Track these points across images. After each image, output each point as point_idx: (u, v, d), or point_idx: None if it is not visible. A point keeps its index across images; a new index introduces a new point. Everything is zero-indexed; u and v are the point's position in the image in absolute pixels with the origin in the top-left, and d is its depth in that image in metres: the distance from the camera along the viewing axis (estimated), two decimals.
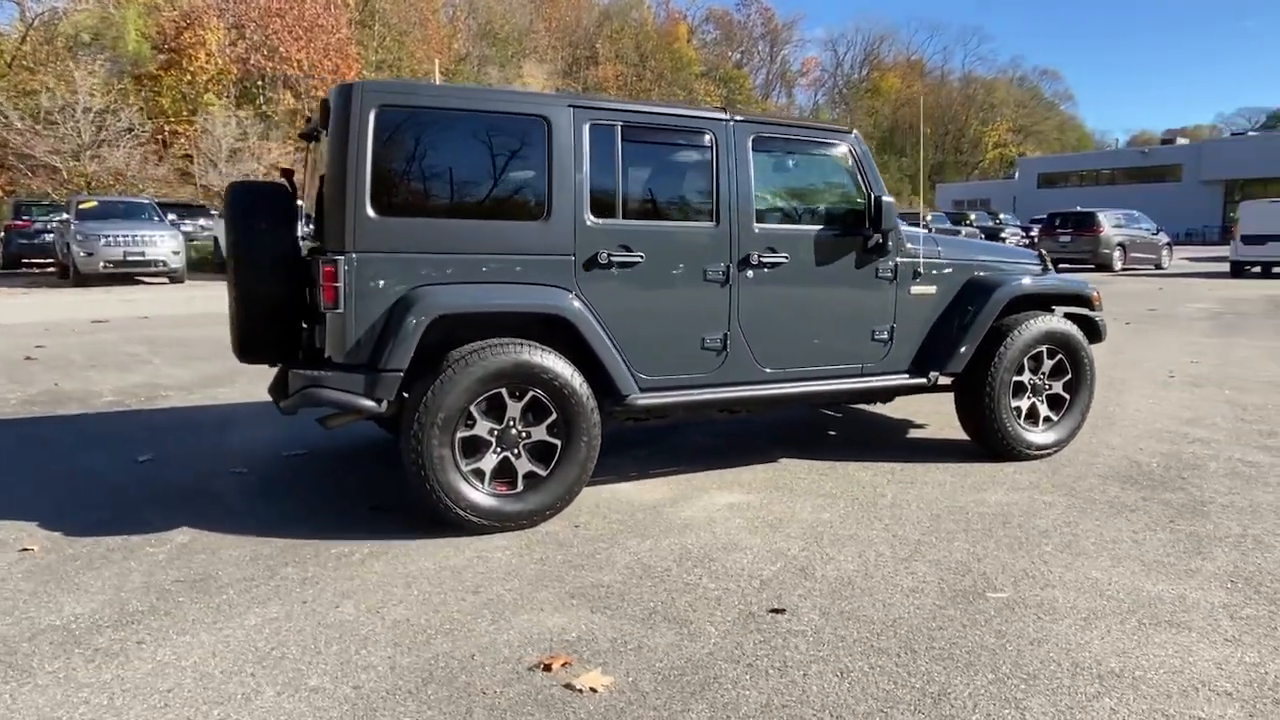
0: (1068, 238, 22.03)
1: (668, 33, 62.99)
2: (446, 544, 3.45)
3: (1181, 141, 53.08)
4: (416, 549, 3.41)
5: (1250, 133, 57.10)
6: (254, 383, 6.70)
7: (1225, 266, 20.51)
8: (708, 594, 3.02)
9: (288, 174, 3.96)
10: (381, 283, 3.41)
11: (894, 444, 5.13)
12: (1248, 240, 19.40)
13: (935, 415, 5.63)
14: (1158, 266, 22.65)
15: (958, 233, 26.76)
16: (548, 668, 2.51)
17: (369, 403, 3.37)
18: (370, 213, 3.37)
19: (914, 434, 5.37)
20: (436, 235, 3.50)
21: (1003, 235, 26.89)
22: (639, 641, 2.68)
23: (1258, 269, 19.80)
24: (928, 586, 3.08)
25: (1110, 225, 21.93)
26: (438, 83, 36.67)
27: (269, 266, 3.58)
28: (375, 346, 3.40)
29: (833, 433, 5.37)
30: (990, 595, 3.01)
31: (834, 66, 74.19)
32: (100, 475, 4.38)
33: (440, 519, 3.50)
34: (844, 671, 2.50)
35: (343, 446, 4.93)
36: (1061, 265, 18.48)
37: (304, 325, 3.78)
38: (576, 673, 2.48)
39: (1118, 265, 21.69)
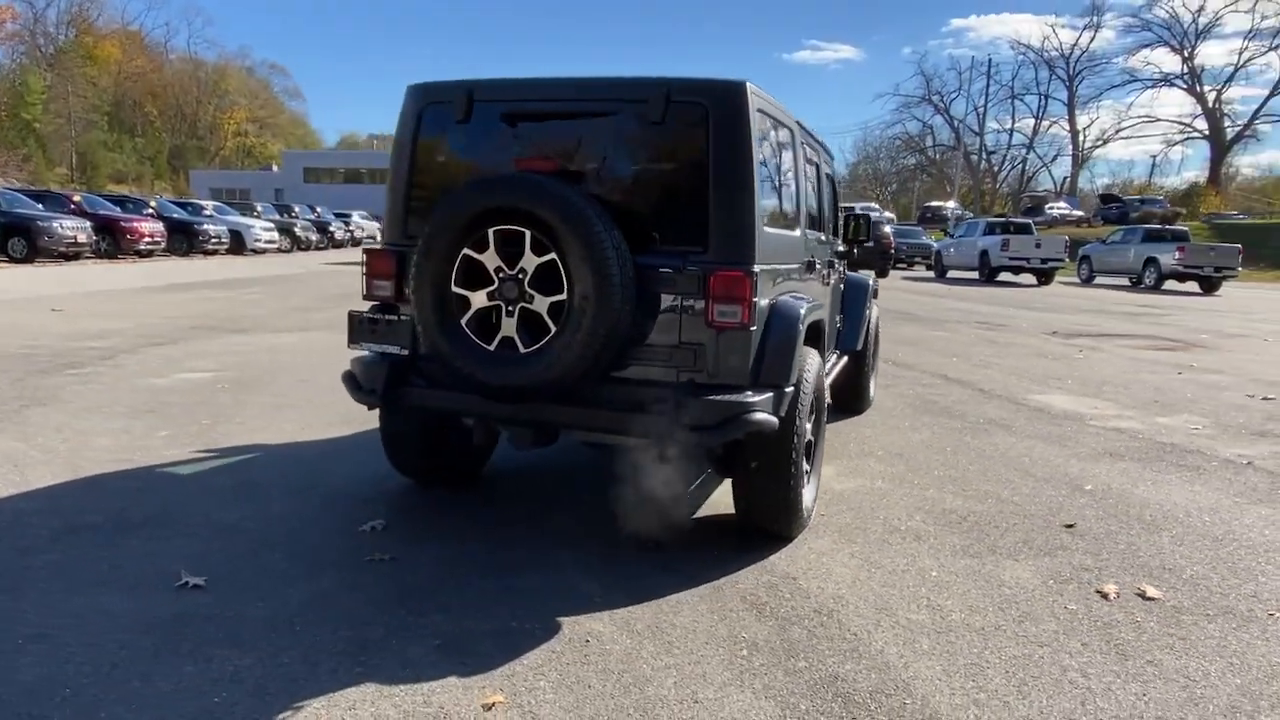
0: None
1: None
2: (802, 560, 3.46)
3: None
4: (820, 574, 3.35)
5: None
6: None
7: None
8: (1011, 521, 3.85)
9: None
10: (766, 296, 3.23)
11: None
12: None
13: None
14: None
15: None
16: (1104, 595, 3.16)
17: (776, 422, 3.17)
18: (760, 221, 3.16)
19: None
20: (773, 245, 3.41)
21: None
22: (1079, 564, 3.46)
23: None
24: (1098, 495, 4.38)
25: None
26: None
27: (629, 287, 2.95)
28: (762, 363, 3.20)
29: None
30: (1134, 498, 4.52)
31: (32, 22, 61.56)
32: (206, 614, 2.72)
33: (785, 536, 3.50)
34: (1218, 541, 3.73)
35: (414, 508, 3.86)
36: None
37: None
38: (1138, 595, 3.20)
39: None
